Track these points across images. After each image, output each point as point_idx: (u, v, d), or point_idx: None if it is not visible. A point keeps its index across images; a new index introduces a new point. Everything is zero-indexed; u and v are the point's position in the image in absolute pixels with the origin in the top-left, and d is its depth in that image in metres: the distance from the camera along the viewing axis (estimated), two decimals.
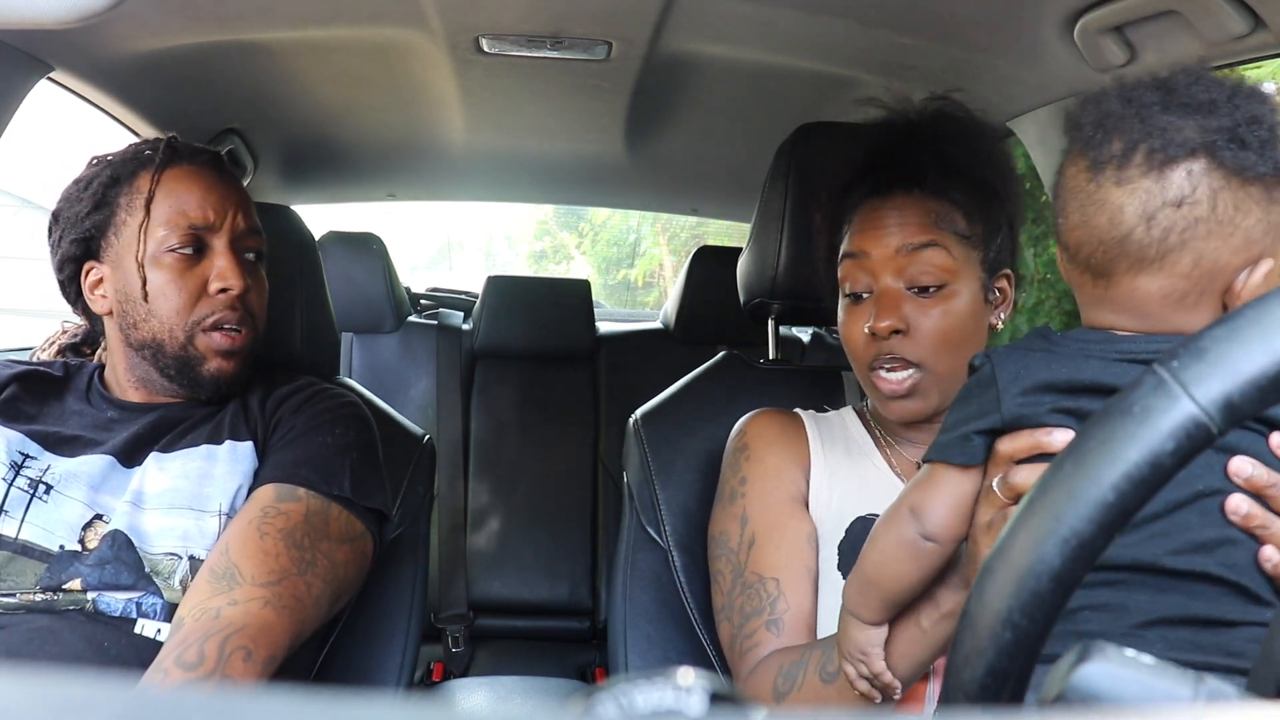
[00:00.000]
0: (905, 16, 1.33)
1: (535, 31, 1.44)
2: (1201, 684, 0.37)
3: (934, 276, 1.04)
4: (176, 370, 1.15)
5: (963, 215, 1.06)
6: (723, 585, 1.11)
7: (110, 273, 1.15)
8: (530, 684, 2.18)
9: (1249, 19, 1.07)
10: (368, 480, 1.14)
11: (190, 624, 0.95)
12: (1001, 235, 1.08)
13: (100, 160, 1.19)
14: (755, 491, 1.11)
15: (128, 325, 1.15)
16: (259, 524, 1.04)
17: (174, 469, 1.10)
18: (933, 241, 1.04)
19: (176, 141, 1.19)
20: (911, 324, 1.04)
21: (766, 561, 1.07)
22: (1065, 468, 0.43)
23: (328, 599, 1.06)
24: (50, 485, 1.07)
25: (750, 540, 1.09)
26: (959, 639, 0.45)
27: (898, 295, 1.04)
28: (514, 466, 2.48)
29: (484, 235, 11.22)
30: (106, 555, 1.03)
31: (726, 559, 1.11)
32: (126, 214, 1.14)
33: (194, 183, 1.15)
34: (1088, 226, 0.77)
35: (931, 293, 1.04)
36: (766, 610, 1.04)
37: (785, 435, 1.15)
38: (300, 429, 1.15)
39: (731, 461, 1.16)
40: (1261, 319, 0.41)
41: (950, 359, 1.04)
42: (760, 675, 1.01)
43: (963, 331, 1.05)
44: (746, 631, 1.05)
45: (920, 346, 1.04)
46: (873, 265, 1.06)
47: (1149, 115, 0.75)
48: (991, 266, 1.07)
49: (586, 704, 0.30)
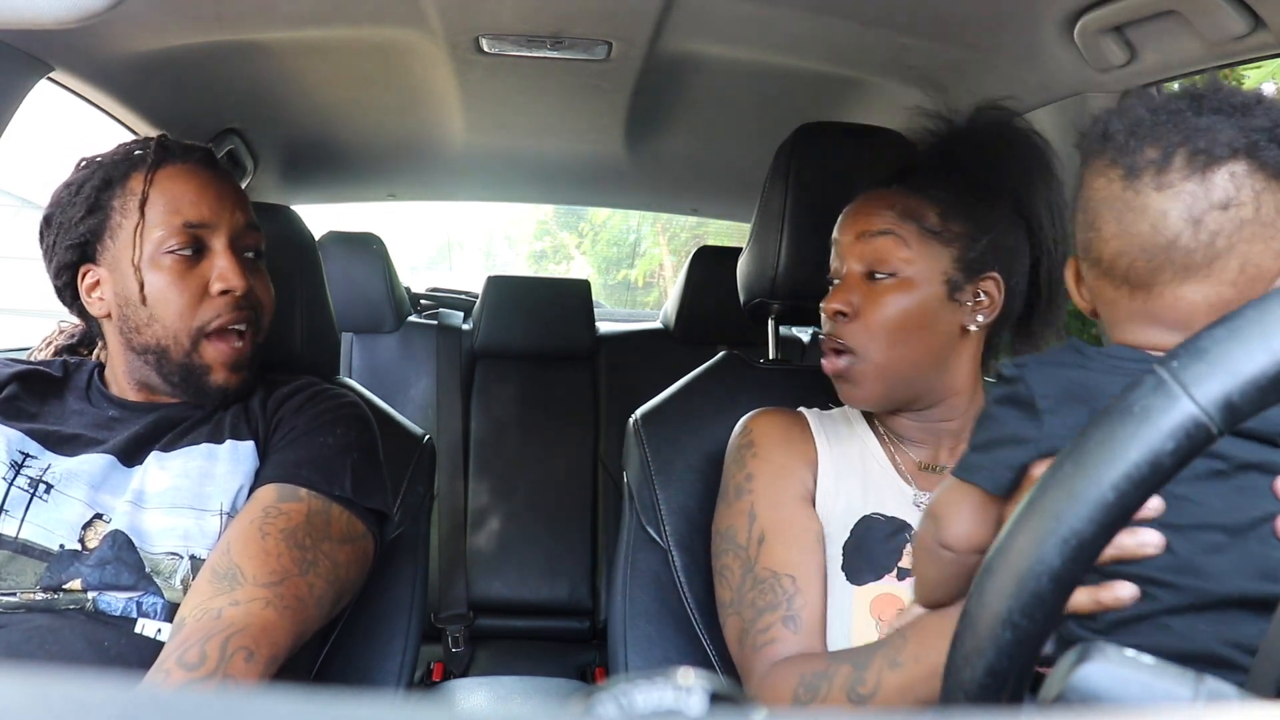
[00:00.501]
0: (905, 16, 1.33)
1: (535, 31, 1.44)
2: (1201, 684, 0.37)
3: (886, 265, 1.06)
4: (181, 379, 1.14)
5: (936, 212, 1.07)
6: (730, 580, 1.10)
7: (107, 275, 1.14)
8: (530, 684, 2.18)
9: (1249, 19, 1.07)
10: (369, 480, 1.14)
11: (191, 624, 0.95)
12: (992, 238, 1.07)
13: (90, 162, 1.17)
14: (763, 488, 1.11)
15: (129, 330, 1.13)
16: (260, 524, 1.04)
17: (175, 468, 1.10)
18: (888, 230, 1.07)
19: (167, 140, 1.17)
20: (859, 310, 1.07)
21: (779, 558, 1.06)
22: (1065, 468, 0.43)
23: (329, 599, 1.05)
24: (50, 484, 1.06)
25: (760, 536, 1.08)
26: (959, 639, 0.45)
27: (854, 280, 1.09)
28: (514, 466, 2.48)
29: (484, 235, 11.23)
30: (107, 555, 1.03)
31: (734, 554, 1.10)
32: (121, 217, 1.12)
33: (188, 181, 1.13)
34: (1127, 235, 0.75)
35: (883, 279, 1.07)
36: (783, 606, 1.03)
37: (791, 434, 1.15)
38: (301, 429, 1.14)
39: (737, 458, 1.16)
40: (1261, 319, 0.41)
41: (889, 350, 1.06)
42: (779, 679, 0.99)
43: (907, 324, 1.06)
44: (761, 626, 1.03)
45: (860, 333, 1.07)
46: (840, 252, 1.12)
47: (1183, 120, 0.74)
48: (970, 267, 1.07)
49: (586, 704, 0.30)
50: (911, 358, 1.07)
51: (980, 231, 1.07)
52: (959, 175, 1.09)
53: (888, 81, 1.60)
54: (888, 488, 1.11)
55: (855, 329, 1.08)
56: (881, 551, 1.06)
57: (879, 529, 1.08)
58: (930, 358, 1.08)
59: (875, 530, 1.07)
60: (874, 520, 1.08)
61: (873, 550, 1.06)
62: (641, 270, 9.01)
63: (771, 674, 1.00)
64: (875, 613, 1.04)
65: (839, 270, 1.12)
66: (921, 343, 1.07)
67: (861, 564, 1.06)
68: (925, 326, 1.07)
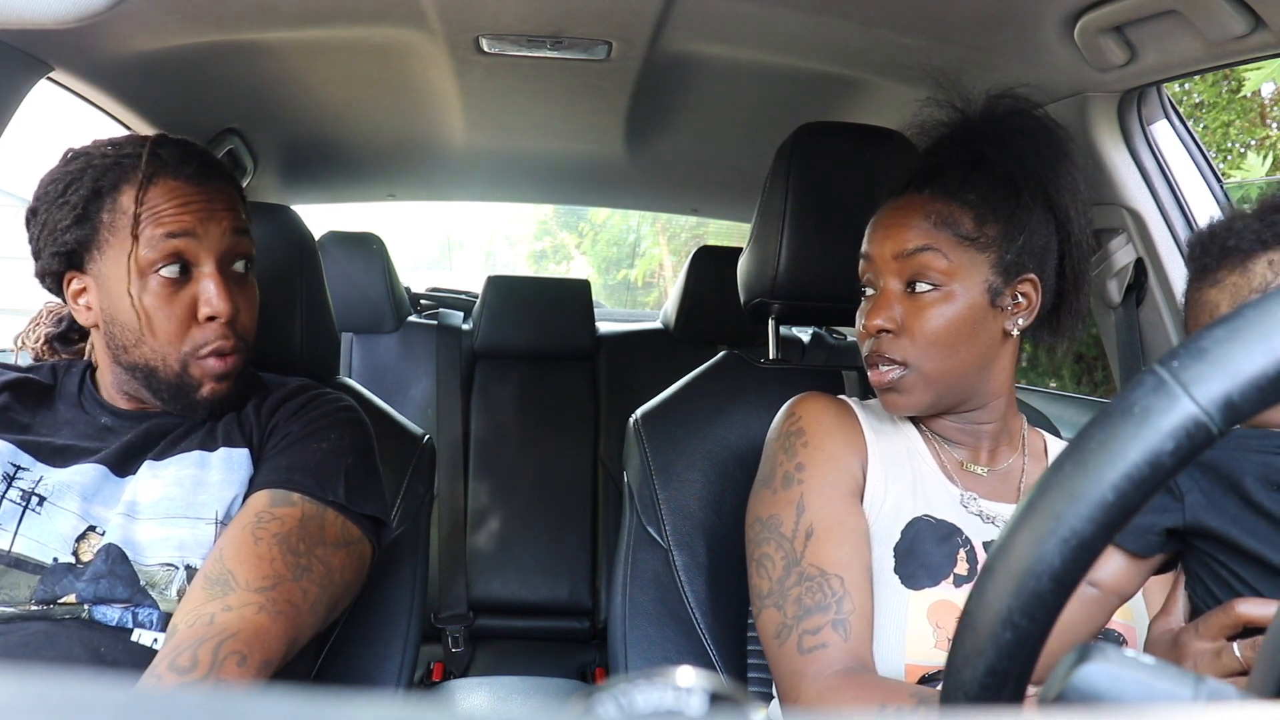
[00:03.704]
0: (905, 16, 1.33)
1: (535, 31, 1.44)
2: (1201, 684, 0.37)
3: (928, 279, 1.05)
4: (170, 394, 1.12)
5: (972, 217, 1.05)
6: (770, 571, 1.05)
7: (94, 287, 1.11)
8: (530, 684, 2.18)
9: (1249, 19, 1.07)
10: (364, 485, 1.13)
11: (184, 630, 0.94)
12: (1026, 238, 1.06)
13: (77, 156, 1.12)
14: (814, 480, 1.07)
15: (116, 347, 1.11)
16: (253, 529, 1.03)
17: (168, 476, 1.09)
18: (926, 246, 1.05)
19: (161, 146, 1.11)
20: (903, 324, 1.06)
21: (829, 557, 1.03)
22: (1065, 468, 0.43)
23: (324, 605, 1.05)
24: (43, 497, 1.05)
25: (808, 531, 1.04)
26: (959, 639, 0.45)
27: (893, 295, 1.07)
28: (514, 466, 2.48)
29: (484, 235, 11.22)
30: (101, 570, 1.02)
31: (777, 544, 1.06)
32: (109, 233, 1.08)
33: (180, 201, 1.09)
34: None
35: (926, 293, 1.05)
36: (832, 609, 1.00)
37: (842, 423, 1.12)
38: (296, 435, 1.13)
39: (785, 445, 1.11)
40: (1261, 319, 0.41)
41: (940, 360, 1.05)
42: (837, 696, 0.96)
43: (955, 334, 1.05)
44: (809, 627, 1.00)
45: (908, 346, 1.05)
46: (875, 266, 1.09)
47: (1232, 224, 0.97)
48: (1008, 270, 1.06)
49: (586, 704, 0.30)
50: (959, 367, 1.06)
51: (1016, 233, 1.06)
52: (988, 173, 1.07)
53: (888, 81, 1.60)
54: (935, 486, 1.09)
55: (901, 344, 1.06)
56: (937, 556, 1.04)
57: (932, 532, 1.05)
58: (975, 364, 1.07)
59: (928, 533, 1.05)
60: (926, 522, 1.06)
61: (928, 554, 1.04)
62: (641, 270, 9.01)
63: (831, 686, 0.97)
64: (933, 619, 1.01)
65: (873, 281, 1.10)
66: (968, 351, 1.06)
67: (916, 568, 1.03)
68: (971, 335, 1.06)
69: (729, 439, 1.30)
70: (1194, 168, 1.49)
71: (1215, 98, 4.31)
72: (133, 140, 1.14)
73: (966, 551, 1.04)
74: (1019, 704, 0.44)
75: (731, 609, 1.23)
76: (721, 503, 1.27)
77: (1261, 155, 4.02)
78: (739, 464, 1.28)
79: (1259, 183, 3.81)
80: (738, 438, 1.30)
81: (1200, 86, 4.29)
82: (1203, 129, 4.30)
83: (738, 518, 1.16)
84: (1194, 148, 1.49)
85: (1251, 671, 0.49)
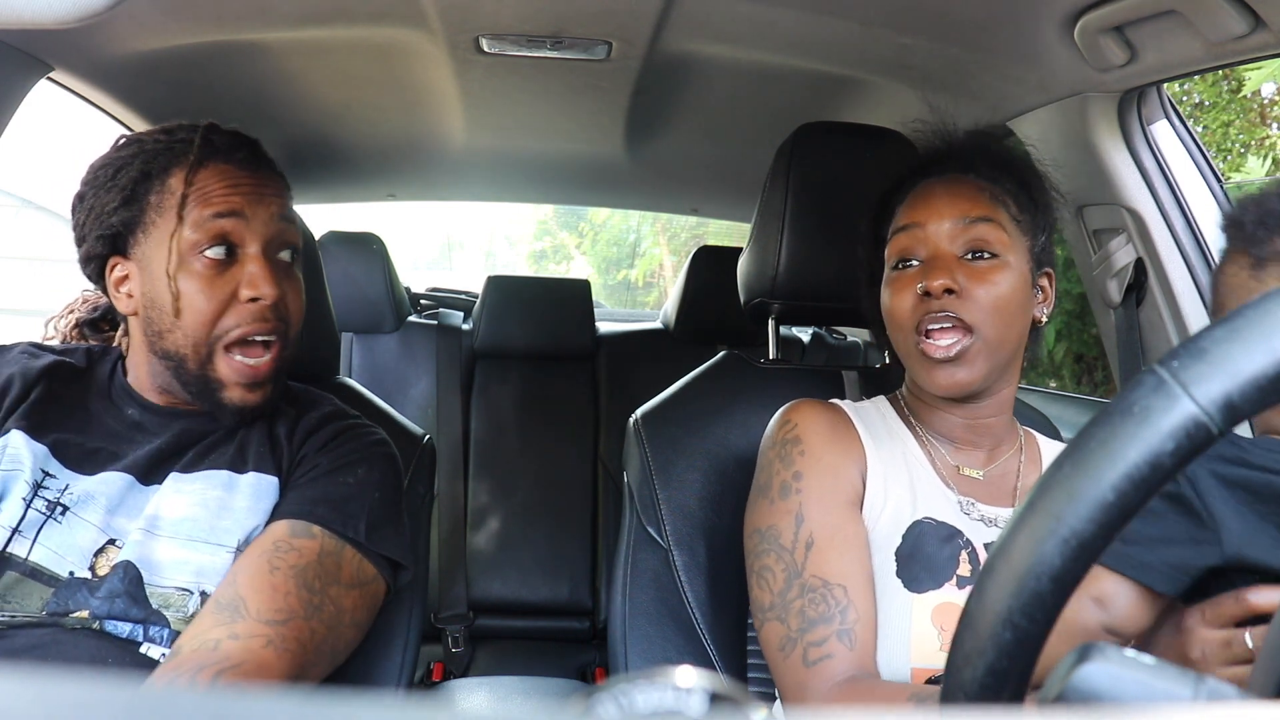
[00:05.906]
0: (905, 16, 1.33)
1: (535, 31, 1.44)
2: (1201, 684, 0.37)
3: (989, 248, 1.05)
4: (197, 390, 1.09)
5: (1014, 201, 1.09)
6: (772, 583, 1.04)
7: (137, 273, 1.09)
8: (530, 684, 2.18)
9: (1249, 19, 1.07)
10: (385, 526, 1.10)
11: (187, 652, 0.93)
12: (1045, 235, 1.11)
13: (130, 143, 1.11)
14: (813, 489, 1.06)
15: (152, 332, 1.09)
16: (270, 558, 1.01)
17: (193, 494, 1.06)
18: (988, 216, 1.06)
19: (213, 133, 1.10)
20: (964, 287, 1.04)
21: (831, 567, 1.02)
22: (1065, 468, 0.43)
23: (328, 648, 1.02)
24: (67, 507, 1.03)
25: (808, 541, 1.03)
26: (959, 639, 0.45)
27: (950, 259, 1.06)
28: (514, 466, 2.48)
29: (484, 235, 11.22)
30: (116, 589, 1.00)
31: (777, 555, 1.05)
32: (156, 214, 1.06)
33: (230, 183, 1.08)
34: None
35: (986, 259, 1.05)
36: (836, 619, 0.99)
37: (838, 430, 1.10)
38: (325, 467, 1.10)
39: (781, 454, 1.10)
40: (1261, 319, 0.41)
41: (1000, 328, 1.05)
42: (842, 704, 0.96)
43: (1012, 306, 1.05)
44: (814, 639, 0.99)
45: (973, 309, 1.04)
46: (926, 235, 1.07)
47: None
48: (1038, 260, 1.10)
49: (586, 704, 0.30)
50: (1012, 340, 1.07)
51: (1046, 226, 1.10)
52: (1018, 170, 1.12)
53: (888, 81, 1.60)
54: (933, 490, 1.09)
55: (965, 304, 1.04)
56: (939, 559, 1.03)
57: (933, 534, 1.05)
58: (1018, 343, 1.08)
59: (929, 536, 1.05)
60: (926, 525, 1.05)
61: (930, 557, 1.03)
62: (641, 270, 9.01)
63: (839, 692, 0.97)
64: (937, 622, 1.01)
65: (919, 253, 1.08)
66: (1019, 326, 1.07)
67: (919, 571, 1.03)
68: (1021, 310, 1.07)
69: (729, 439, 1.30)
70: (1194, 168, 1.49)
71: (1215, 98, 4.31)
72: (185, 127, 1.12)
73: (968, 553, 1.04)
74: (1019, 704, 0.44)
75: (731, 609, 1.23)
76: (721, 502, 1.27)
77: (1261, 157, 4.02)
78: (739, 464, 1.28)
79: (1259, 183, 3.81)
80: (738, 438, 1.30)
81: (1200, 86, 4.29)
82: (1203, 129, 4.31)
83: (737, 518, 1.16)
84: (1194, 148, 1.49)
85: (1252, 671, 0.49)
